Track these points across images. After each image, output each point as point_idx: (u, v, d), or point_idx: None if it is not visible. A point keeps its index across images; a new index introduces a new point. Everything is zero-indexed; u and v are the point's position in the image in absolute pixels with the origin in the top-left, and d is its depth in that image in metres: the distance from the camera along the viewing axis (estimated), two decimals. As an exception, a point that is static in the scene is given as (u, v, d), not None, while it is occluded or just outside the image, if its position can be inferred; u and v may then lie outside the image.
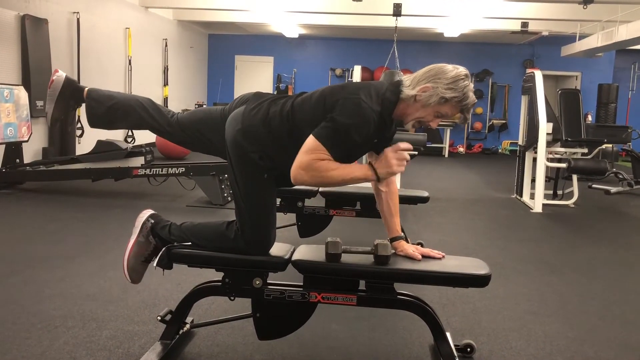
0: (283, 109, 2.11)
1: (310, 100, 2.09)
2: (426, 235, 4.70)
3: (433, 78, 2.01)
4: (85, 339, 2.45)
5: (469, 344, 2.46)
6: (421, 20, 10.79)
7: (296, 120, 2.07)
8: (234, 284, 2.20)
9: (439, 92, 1.99)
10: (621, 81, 13.44)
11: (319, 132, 1.96)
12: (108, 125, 2.41)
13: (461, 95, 2.00)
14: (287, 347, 2.43)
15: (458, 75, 2.01)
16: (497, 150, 13.89)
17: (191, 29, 13.05)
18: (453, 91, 1.99)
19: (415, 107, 2.05)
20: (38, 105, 7.06)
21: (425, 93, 2.01)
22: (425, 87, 2.01)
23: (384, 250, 2.09)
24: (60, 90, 2.38)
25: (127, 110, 2.34)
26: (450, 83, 1.99)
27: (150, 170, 5.78)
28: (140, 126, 2.38)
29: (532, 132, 6.41)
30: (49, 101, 2.41)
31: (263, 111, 2.13)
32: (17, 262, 3.53)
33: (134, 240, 2.28)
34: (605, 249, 4.61)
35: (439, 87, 1.99)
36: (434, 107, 2.03)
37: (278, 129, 2.09)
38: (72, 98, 2.41)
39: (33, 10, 7.22)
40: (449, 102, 2.01)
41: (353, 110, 1.97)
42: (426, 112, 2.05)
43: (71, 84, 2.41)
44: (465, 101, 2.02)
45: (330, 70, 14.19)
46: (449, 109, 2.04)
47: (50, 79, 2.40)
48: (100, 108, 2.34)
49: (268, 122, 2.10)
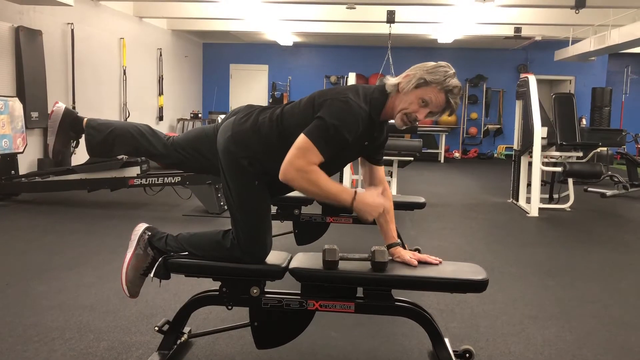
0: (272, 114, 2.15)
1: (299, 105, 2.13)
2: (423, 241, 4.70)
3: (415, 68, 2.09)
4: (83, 351, 2.44)
5: (467, 350, 2.45)
6: (415, 26, 10.84)
7: (285, 123, 2.10)
8: (232, 293, 2.20)
9: (418, 75, 2.04)
10: (615, 85, 13.51)
11: (309, 130, 1.98)
12: (106, 152, 2.41)
13: (442, 77, 2.03)
14: (285, 356, 2.42)
15: (439, 64, 2.08)
16: (492, 155, 13.92)
17: (185, 39, 13.07)
18: (433, 75, 2.04)
19: (399, 97, 2.08)
20: (33, 117, 7.06)
21: (406, 79, 2.06)
22: (407, 75, 2.08)
23: (381, 257, 2.09)
24: (60, 121, 2.39)
25: (124, 135, 2.34)
26: (430, 69, 2.06)
27: (146, 179, 5.77)
28: (138, 152, 2.38)
29: (527, 137, 6.44)
30: (50, 133, 2.42)
31: (253, 118, 2.16)
32: (13, 274, 3.51)
33: (131, 253, 2.27)
34: (602, 252, 4.62)
35: (418, 72, 2.05)
36: (416, 92, 2.04)
37: (267, 134, 2.11)
38: (71, 129, 2.41)
39: (27, 21, 7.22)
40: (430, 85, 2.03)
41: (341, 107, 1.99)
42: (409, 100, 2.06)
43: (70, 115, 2.42)
44: (447, 83, 2.03)
45: (325, 78, 14.23)
46: (432, 94, 2.04)
47: (50, 110, 2.42)
48: (98, 136, 2.35)
49: (257, 128, 2.13)
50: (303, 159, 1.95)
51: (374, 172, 2.32)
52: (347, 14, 9.45)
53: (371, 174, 2.32)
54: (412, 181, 8.58)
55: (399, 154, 6.04)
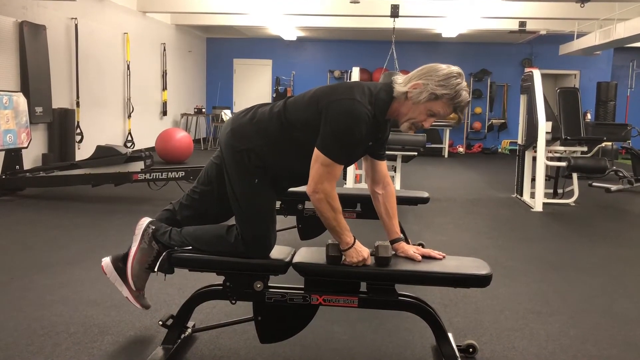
0: (273, 108, 2.16)
1: (302, 100, 2.12)
2: (427, 235, 4.70)
3: (424, 75, 2.04)
4: (88, 345, 2.45)
5: (471, 345, 2.45)
6: (419, 21, 10.79)
7: (288, 116, 2.10)
8: (235, 288, 2.20)
9: (429, 89, 2.01)
10: (620, 79, 13.45)
11: (324, 145, 2.00)
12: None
13: (452, 92, 2.01)
14: (289, 350, 2.43)
15: (450, 73, 2.03)
16: (496, 150, 13.89)
17: (189, 33, 13.06)
18: (444, 88, 2.01)
19: (407, 105, 2.07)
20: (37, 112, 7.07)
21: (416, 90, 2.03)
22: (416, 84, 2.03)
23: (385, 252, 2.09)
24: None
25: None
26: (441, 80, 2.01)
27: (150, 174, 5.77)
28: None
29: (532, 131, 6.41)
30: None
31: (251, 112, 2.19)
32: (18, 269, 3.53)
33: (136, 247, 2.28)
34: (606, 247, 4.61)
35: (429, 83, 2.02)
36: (426, 104, 2.04)
37: (267, 125, 2.12)
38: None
39: (31, 16, 7.23)
40: (440, 99, 2.02)
41: (347, 112, 1.99)
42: (418, 111, 2.06)
43: None
44: (458, 99, 2.03)
45: (329, 72, 14.20)
46: (441, 107, 2.04)
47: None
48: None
49: (257, 120, 2.15)
50: (327, 180, 2.01)
51: (377, 167, 2.32)
52: (351, 8, 9.43)
53: (373, 169, 2.32)
54: (416, 176, 8.57)
55: (403, 148, 6.03)
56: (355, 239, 2.10)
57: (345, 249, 2.08)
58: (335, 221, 2.05)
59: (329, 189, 2.01)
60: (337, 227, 2.06)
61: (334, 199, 2.03)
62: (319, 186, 2.00)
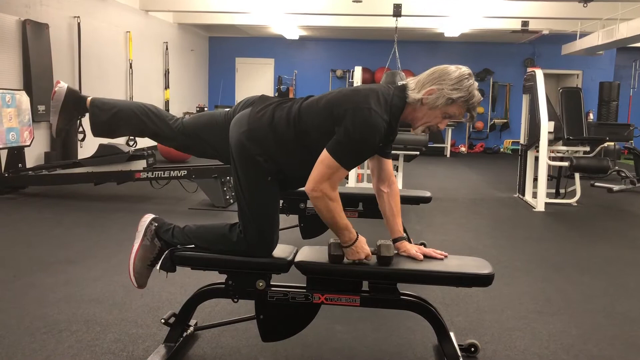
0: (290, 113, 2.12)
1: (317, 106, 2.10)
2: (429, 235, 4.70)
3: (438, 80, 2.05)
4: (90, 343, 2.45)
5: (472, 344, 2.46)
6: (421, 20, 10.79)
7: (303, 125, 2.09)
8: (238, 286, 2.20)
9: (445, 94, 2.03)
10: (622, 79, 13.42)
11: (335, 148, 1.99)
12: (110, 132, 2.39)
13: (467, 94, 2.04)
14: (291, 349, 2.43)
15: (462, 75, 2.04)
16: (498, 150, 13.88)
17: (192, 32, 13.07)
18: (459, 91, 2.03)
19: (422, 110, 2.09)
20: (40, 110, 7.08)
21: (432, 96, 2.04)
22: (431, 90, 2.04)
23: (387, 251, 2.09)
24: (63, 101, 2.37)
25: (129, 115, 2.33)
26: (455, 84, 2.03)
27: (152, 173, 5.78)
28: (143, 132, 2.36)
29: (534, 131, 6.41)
30: (52, 112, 2.39)
31: (269, 115, 2.14)
32: (20, 267, 3.53)
33: (139, 244, 2.28)
34: (608, 247, 4.60)
35: (444, 88, 2.03)
36: (442, 108, 2.06)
37: (284, 134, 2.10)
38: (75, 108, 2.40)
39: (34, 15, 7.24)
40: (456, 102, 2.05)
41: (364, 122, 1.98)
42: (434, 115, 2.09)
43: (73, 94, 2.40)
44: (472, 100, 2.06)
45: (331, 72, 14.20)
46: (456, 109, 2.07)
47: (53, 90, 2.40)
48: (102, 115, 2.33)
49: (274, 126, 2.11)
50: (329, 182, 2.00)
51: (383, 164, 2.32)
52: (353, 7, 9.42)
53: (380, 166, 2.32)
54: (418, 175, 8.57)
55: (405, 148, 6.02)
56: (359, 235, 2.10)
57: (346, 246, 2.08)
58: (334, 219, 2.05)
59: (328, 189, 2.01)
60: (337, 225, 2.06)
61: (333, 198, 2.03)
62: (319, 185, 2.00)
